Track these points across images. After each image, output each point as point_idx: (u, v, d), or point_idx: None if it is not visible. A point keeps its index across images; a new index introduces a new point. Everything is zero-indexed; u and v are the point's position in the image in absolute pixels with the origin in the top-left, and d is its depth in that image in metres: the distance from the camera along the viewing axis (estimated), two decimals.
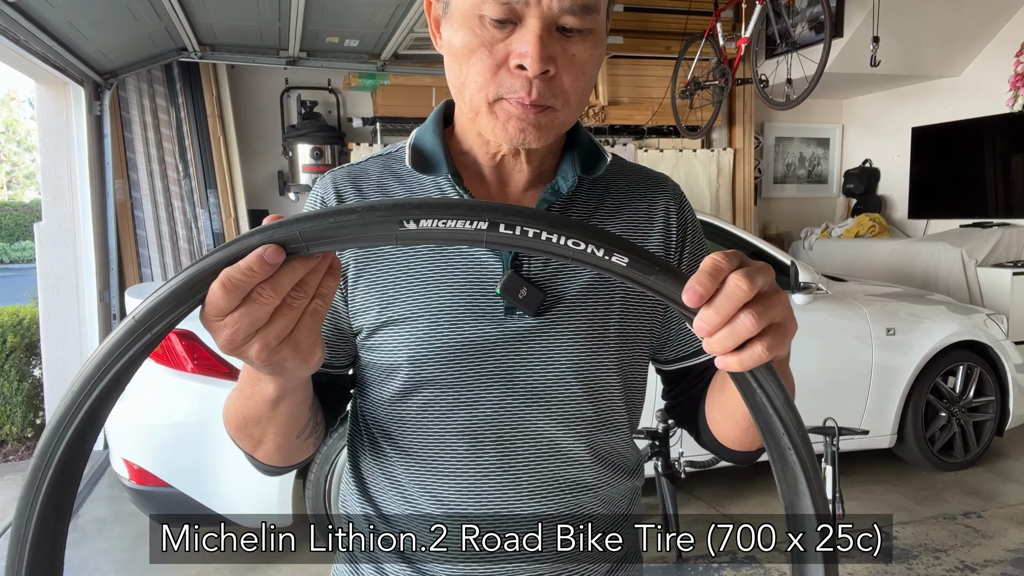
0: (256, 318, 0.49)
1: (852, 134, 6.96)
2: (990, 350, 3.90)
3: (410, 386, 0.76)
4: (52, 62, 3.81)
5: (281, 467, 0.78)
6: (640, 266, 0.48)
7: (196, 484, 2.75)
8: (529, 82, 0.67)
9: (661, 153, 5.84)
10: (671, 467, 2.89)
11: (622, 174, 0.85)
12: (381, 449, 0.81)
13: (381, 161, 0.83)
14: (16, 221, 21.19)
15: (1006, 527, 3.27)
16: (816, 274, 3.60)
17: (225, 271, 0.46)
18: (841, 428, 2.45)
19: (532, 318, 0.75)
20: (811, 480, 0.50)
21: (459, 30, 0.69)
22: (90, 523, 3.42)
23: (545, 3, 0.65)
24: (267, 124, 5.21)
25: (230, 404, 0.71)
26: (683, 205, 0.86)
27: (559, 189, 0.78)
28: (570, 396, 0.76)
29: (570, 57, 0.69)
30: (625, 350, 0.79)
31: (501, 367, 0.75)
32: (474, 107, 0.71)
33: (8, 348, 4.41)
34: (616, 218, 0.81)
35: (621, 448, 0.83)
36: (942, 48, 5.62)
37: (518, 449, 0.76)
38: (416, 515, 0.78)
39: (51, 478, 0.48)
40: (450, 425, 0.76)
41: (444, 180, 0.78)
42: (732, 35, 5.19)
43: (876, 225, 6.15)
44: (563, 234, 0.47)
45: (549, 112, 0.70)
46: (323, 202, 0.80)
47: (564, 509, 0.78)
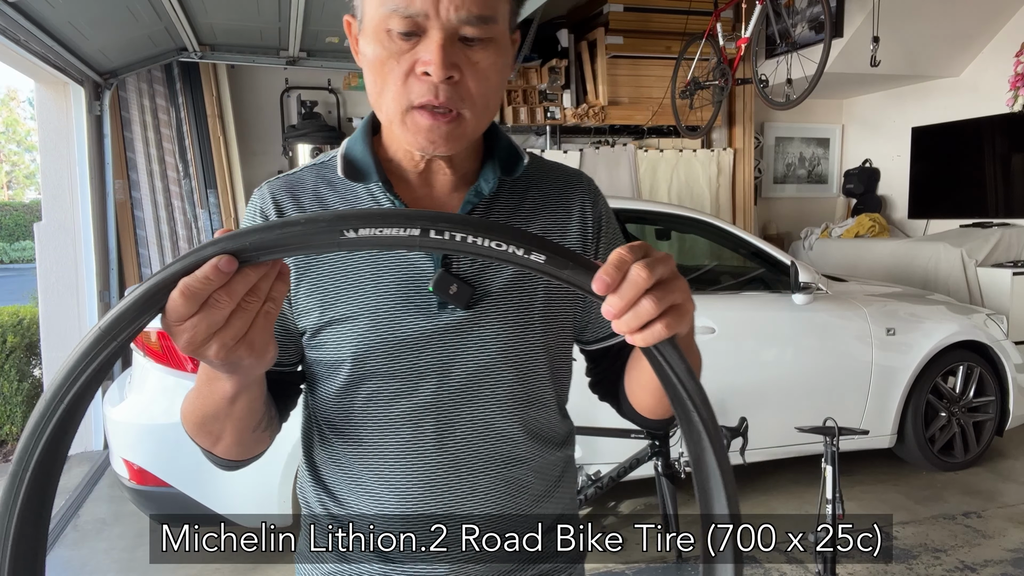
0: (213, 321, 0.54)
1: (852, 134, 6.96)
2: (990, 350, 3.90)
3: (355, 379, 0.83)
4: (52, 62, 3.81)
5: (239, 460, 0.83)
6: (555, 261, 0.54)
7: (196, 484, 2.75)
8: (435, 87, 0.74)
9: (661, 153, 5.84)
10: (671, 467, 2.89)
11: (541, 173, 0.92)
12: (331, 438, 0.87)
13: (315, 170, 0.88)
14: (16, 221, 21.19)
15: (1006, 527, 3.27)
16: (816, 274, 3.60)
17: (183, 280, 0.51)
18: (841, 428, 2.45)
19: (463, 311, 0.82)
20: (712, 436, 0.57)
21: (371, 44, 0.76)
22: (90, 523, 3.42)
23: (444, 16, 0.72)
24: (267, 124, 5.21)
25: (188, 405, 0.77)
26: (597, 200, 0.93)
27: (481, 191, 0.84)
28: (501, 379, 0.84)
29: (473, 64, 0.75)
30: (550, 335, 0.87)
31: (437, 357, 0.82)
32: (389, 116, 0.77)
33: (8, 348, 4.41)
34: (537, 215, 0.88)
35: (551, 423, 0.91)
36: (942, 48, 5.62)
37: (456, 430, 0.83)
38: (366, 495, 0.85)
39: (29, 482, 0.50)
40: (393, 411, 0.83)
41: (375, 187, 0.83)
42: (732, 35, 5.18)
43: (876, 225, 6.15)
44: (487, 237, 0.52)
45: (458, 120, 0.76)
46: (262, 212, 0.85)
47: (500, 481, 0.85)
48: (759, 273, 3.70)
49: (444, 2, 0.72)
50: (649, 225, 3.99)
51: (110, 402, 3.05)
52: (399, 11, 0.72)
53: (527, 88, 5.43)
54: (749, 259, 3.76)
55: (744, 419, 2.85)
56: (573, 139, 5.80)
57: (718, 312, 3.39)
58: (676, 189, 5.87)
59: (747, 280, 3.77)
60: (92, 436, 4.37)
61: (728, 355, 3.38)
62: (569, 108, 5.49)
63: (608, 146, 5.71)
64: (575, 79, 5.56)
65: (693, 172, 5.91)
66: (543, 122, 5.47)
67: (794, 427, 2.84)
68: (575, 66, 5.56)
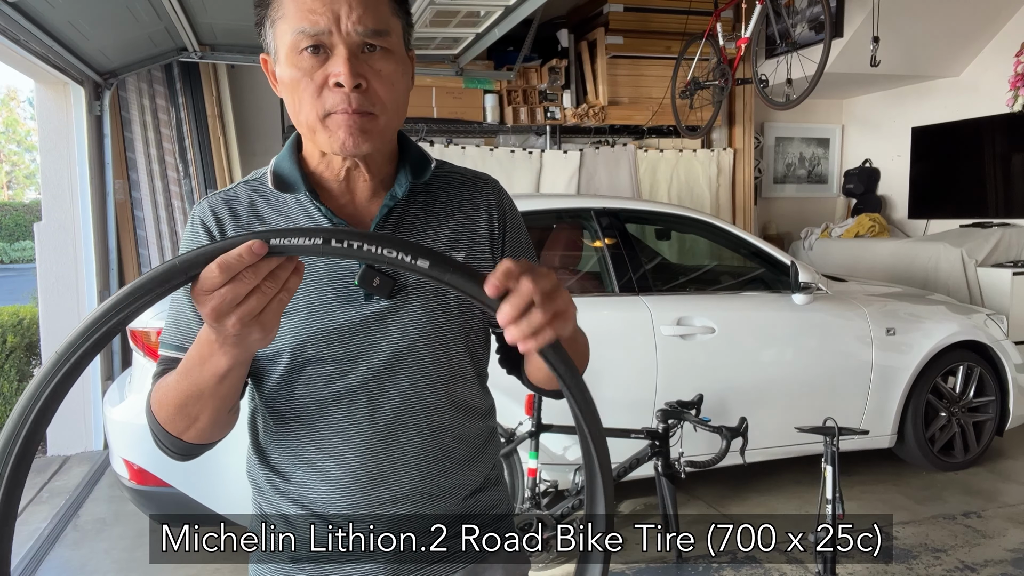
0: (237, 294, 0.64)
1: (852, 134, 6.96)
2: (990, 350, 3.90)
3: (294, 366, 0.92)
4: (52, 62, 3.81)
5: (203, 444, 0.89)
6: (438, 268, 0.64)
7: (196, 484, 2.75)
8: (347, 95, 0.84)
9: (661, 153, 5.83)
10: (671, 467, 2.89)
11: (449, 177, 1.03)
12: (275, 421, 0.95)
13: (249, 186, 0.98)
14: (16, 221, 21.18)
15: (1006, 527, 3.27)
16: (816, 274, 3.60)
17: (221, 256, 0.62)
18: (841, 428, 2.45)
19: (387, 300, 0.91)
20: (592, 426, 0.69)
21: (286, 68, 0.87)
22: (90, 523, 3.42)
23: (344, 32, 0.84)
24: (267, 124, 5.21)
25: (165, 391, 0.84)
26: (502, 200, 1.03)
27: (396, 194, 0.94)
28: (424, 358, 0.94)
29: (377, 72, 0.86)
30: (465, 319, 0.97)
31: (367, 341, 0.91)
32: (310, 126, 0.87)
33: (8, 348, 4.41)
34: (448, 216, 0.99)
35: (472, 396, 1.01)
36: (942, 48, 5.62)
37: (386, 404, 0.93)
38: (310, 469, 0.93)
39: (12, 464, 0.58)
40: (329, 391, 0.92)
41: (303, 196, 0.93)
42: (732, 35, 5.19)
43: (876, 225, 6.15)
44: (380, 246, 0.63)
45: (371, 118, 0.86)
46: (203, 224, 0.94)
47: (427, 448, 0.95)
48: (759, 273, 3.70)
49: (343, 20, 0.83)
50: (649, 225, 3.99)
51: (110, 402, 3.05)
52: (306, 31, 0.83)
53: (527, 88, 5.43)
54: (749, 259, 3.76)
55: (744, 419, 2.85)
56: (573, 139, 5.80)
57: (718, 312, 3.39)
58: (676, 189, 5.87)
59: (747, 280, 3.77)
60: (92, 436, 4.37)
61: (728, 355, 3.38)
62: (569, 108, 5.49)
63: (608, 146, 5.71)
64: (575, 79, 5.56)
65: (693, 172, 5.91)
66: (543, 122, 5.47)
67: (794, 427, 2.84)
68: (575, 66, 5.56)
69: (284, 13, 0.85)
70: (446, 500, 0.97)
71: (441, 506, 0.96)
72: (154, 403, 0.86)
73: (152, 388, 0.88)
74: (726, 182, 6.03)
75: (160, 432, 0.87)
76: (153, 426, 0.87)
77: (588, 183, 5.60)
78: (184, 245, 0.95)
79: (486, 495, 1.03)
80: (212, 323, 0.67)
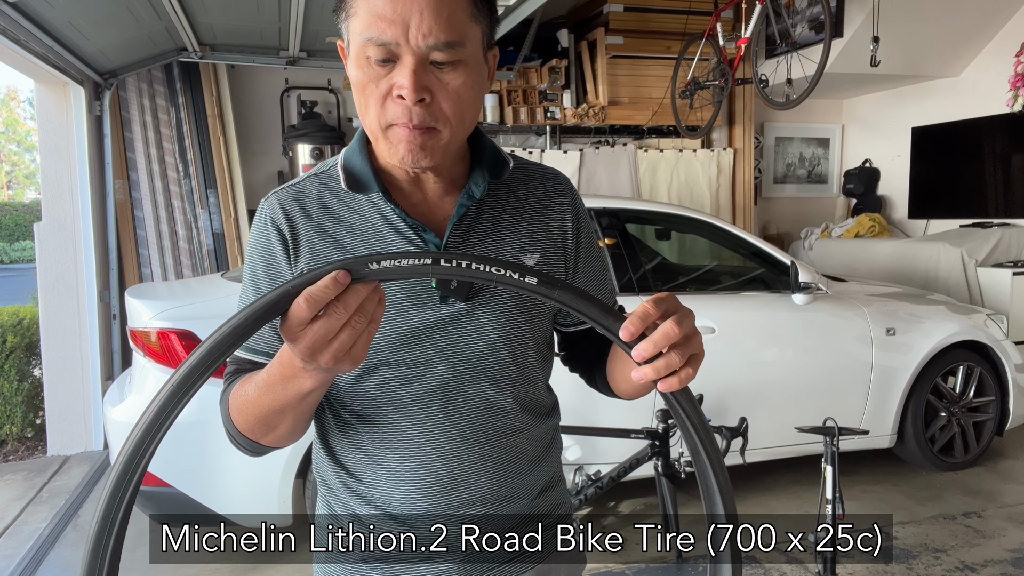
0: (330, 329, 0.65)
1: (852, 134, 6.96)
2: (990, 350, 3.90)
3: (368, 368, 0.91)
4: (52, 62, 3.81)
5: (277, 447, 0.90)
6: (580, 302, 0.67)
7: (196, 484, 2.75)
8: (409, 109, 0.81)
9: (661, 153, 5.83)
10: (671, 467, 2.89)
11: (523, 174, 1.00)
12: (348, 421, 0.95)
13: (317, 180, 0.95)
14: (16, 221, 21.17)
15: (1006, 527, 3.27)
16: (816, 274, 3.60)
17: (307, 289, 0.63)
18: (841, 428, 2.45)
19: (463, 303, 0.90)
20: (720, 480, 0.71)
21: (354, 68, 0.84)
22: (90, 523, 3.41)
23: (413, 44, 0.79)
24: (267, 124, 5.21)
25: (246, 400, 0.83)
26: (575, 200, 1.03)
27: (473, 194, 0.92)
28: (499, 360, 0.93)
29: (444, 85, 0.82)
30: (537, 322, 0.97)
31: (442, 344, 0.90)
32: (373, 133, 0.86)
33: (8, 348, 4.41)
34: (524, 216, 0.97)
35: (540, 397, 1.01)
36: (942, 48, 5.62)
37: (460, 407, 0.92)
38: (382, 470, 0.93)
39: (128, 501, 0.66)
40: (404, 394, 0.91)
41: (377, 197, 0.91)
42: (732, 35, 5.19)
43: (876, 225, 6.15)
44: (513, 271, 0.65)
45: (433, 133, 0.84)
46: (273, 223, 0.92)
47: (501, 450, 0.94)
48: (759, 273, 3.70)
49: (413, 31, 0.79)
50: (649, 225, 3.99)
51: (110, 402, 3.05)
52: (374, 39, 0.80)
53: (527, 88, 5.43)
54: (749, 259, 3.76)
55: (744, 419, 2.85)
56: (573, 139, 5.80)
57: (718, 312, 3.39)
58: (676, 189, 5.87)
59: (747, 280, 3.77)
60: (92, 436, 4.37)
61: (728, 355, 3.38)
62: (569, 108, 5.49)
63: (608, 146, 5.71)
64: (575, 79, 5.56)
65: (693, 172, 5.91)
66: (543, 122, 5.47)
67: (794, 427, 2.84)
68: (575, 66, 5.56)
69: (356, 12, 0.82)
70: (518, 501, 0.97)
71: (513, 507, 0.96)
72: (233, 410, 0.86)
73: (227, 389, 0.89)
74: (726, 182, 6.03)
75: (238, 435, 0.88)
76: (230, 429, 0.88)
77: (588, 183, 5.60)
78: (251, 244, 0.94)
79: (552, 494, 1.03)
80: (306, 359, 0.68)
